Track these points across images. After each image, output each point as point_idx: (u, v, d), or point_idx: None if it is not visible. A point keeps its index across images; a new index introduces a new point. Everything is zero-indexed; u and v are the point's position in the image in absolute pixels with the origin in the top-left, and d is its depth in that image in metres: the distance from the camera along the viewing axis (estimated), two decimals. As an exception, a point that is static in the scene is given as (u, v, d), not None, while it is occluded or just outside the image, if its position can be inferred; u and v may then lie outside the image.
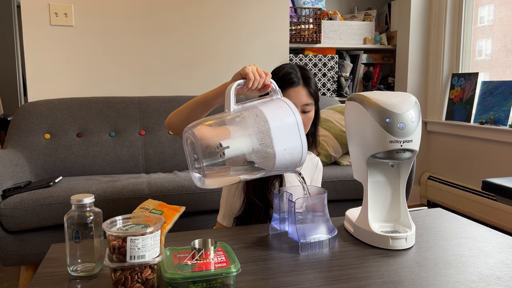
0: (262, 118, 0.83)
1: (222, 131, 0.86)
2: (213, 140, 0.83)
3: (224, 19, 2.60)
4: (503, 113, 2.47)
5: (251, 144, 0.83)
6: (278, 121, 0.83)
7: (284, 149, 0.83)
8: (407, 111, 0.90)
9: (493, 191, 1.68)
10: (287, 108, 0.86)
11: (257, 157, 0.84)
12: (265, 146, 0.82)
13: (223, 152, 0.81)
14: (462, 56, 2.83)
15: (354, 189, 1.95)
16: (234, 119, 0.86)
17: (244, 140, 0.83)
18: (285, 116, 0.85)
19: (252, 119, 0.85)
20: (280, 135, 0.82)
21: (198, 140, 0.82)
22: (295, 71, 1.17)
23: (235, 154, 0.82)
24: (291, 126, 0.84)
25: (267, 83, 0.95)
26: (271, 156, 0.82)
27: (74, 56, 2.38)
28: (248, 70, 0.93)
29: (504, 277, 0.80)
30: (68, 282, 0.79)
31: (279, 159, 0.82)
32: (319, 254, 0.91)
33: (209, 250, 0.78)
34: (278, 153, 0.82)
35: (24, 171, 1.91)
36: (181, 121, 1.08)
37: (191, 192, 1.77)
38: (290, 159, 0.84)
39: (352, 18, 3.21)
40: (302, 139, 0.85)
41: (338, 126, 2.13)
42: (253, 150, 0.83)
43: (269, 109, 0.85)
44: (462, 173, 2.77)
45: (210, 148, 0.83)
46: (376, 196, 1.02)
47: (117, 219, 0.78)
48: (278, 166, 0.84)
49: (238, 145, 0.82)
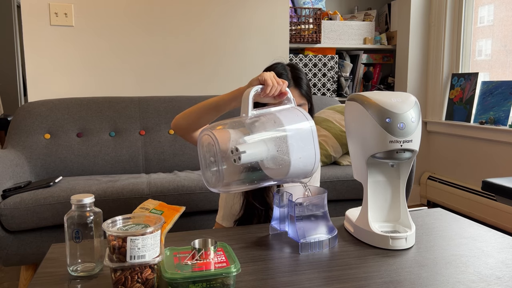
0: (279, 124, 0.83)
1: (239, 135, 0.85)
2: (231, 144, 0.82)
3: (224, 19, 2.60)
4: (503, 113, 2.47)
5: (267, 150, 0.83)
6: (295, 129, 0.83)
7: (299, 158, 0.83)
8: (407, 111, 0.90)
9: (493, 191, 1.68)
10: (303, 117, 0.86)
11: (272, 164, 0.83)
12: (282, 153, 0.82)
13: (239, 157, 0.80)
14: (462, 56, 2.83)
15: (354, 189, 1.95)
16: (252, 124, 0.86)
17: (261, 145, 0.82)
18: (302, 125, 0.85)
19: (271, 125, 0.85)
20: (297, 143, 0.82)
21: (219, 143, 0.81)
22: (286, 71, 1.16)
23: (251, 160, 0.81)
24: (307, 135, 0.84)
25: (284, 91, 0.96)
26: (286, 163, 0.82)
27: (74, 56, 2.38)
28: (267, 77, 0.94)
29: (504, 277, 0.80)
30: (68, 282, 0.79)
31: (293, 167, 0.82)
32: (319, 254, 0.91)
33: (209, 250, 0.78)
34: (294, 161, 0.82)
35: (24, 171, 1.91)
36: (190, 124, 1.07)
37: (191, 192, 1.77)
38: (303, 167, 0.84)
39: (352, 18, 3.21)
40: (316, 149, 0.85)
41: (338, 126, 2.13)
42: (268, 157, 0.83)
43: (286, 117, 0.85)
44: (462, 173, 2.77)
45: (228, 152, 0.82)
46: (376, 196, 1.02)
47: (117, 219, 0.78)
48: (291, 175, 0.84)
49: (254, 150, 0.81)
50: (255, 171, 0.85)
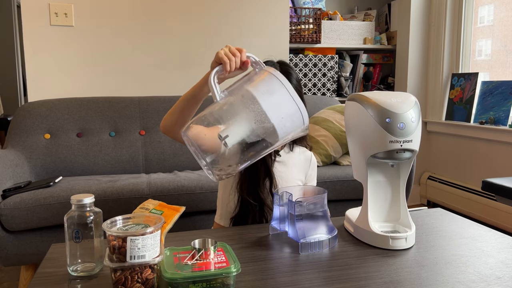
0: (249, 97, 0.81)
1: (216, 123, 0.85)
2: (208, 136, 0.82)
3: (224, 19, 2.60)
4: (503, 113, 2.47)
5: (248, 124, 0.81)
6: (267, 94, 0.81)
7: (282, 118, 0.81)
8: (407, 111, 0.90)
9: (493, 191, 1.68)
10: (272, 78, 0.83)
11: (259, 134, 0.82)
12: (261, 122, 0.80)
13: (225, 142, 0.80)
14: (462, 56, 2.83)
15: (354, 189, 1.95)
16: (223, 108, 0.84)
17: (240, 123, 0.81)
18: (272, 86, 0.82)
19: (240, 101, 0.83)
20: (272, 106, 0.80)
21: (195, 142, 0.81)
22: (274, 66, 1.17)
23: (239, 139, 0.81)
24: (281, 94, 0.82)
25: (245, 59, 0.92)
26: (271, 129, 0.80)
27: (74, 56, 2.38)
28: (221, 54, 0.90)
29: (504, 277, 0.80)
30: (68, 282, 0.79)
31: (280, 129, 0.80)
32: (319, 254, 0.91)
33: (209, 250, 0.78)
34: (277, 124, 0.80)
35: (24, 171, 1.91)
36: (174, 123, 1.06)
37: (191, 192, 1.77)
38: (291, 125, 0.83)
39: (352, 18, 3.21)
40: (297, 102, 0.82)
41: (338, 126, 2.13)
42: (252, 130, 0.81)
43: (255, 85, 0.83)
44: (462, 173, 2.77)
45: (209, 144, 0.82)
46: (376, 196, 1.02)
47: (117, 219, 0.78)
48: (284, 135, 0.82)
49: (237, 130, 0.81)
50: (251, 146, 0.84)
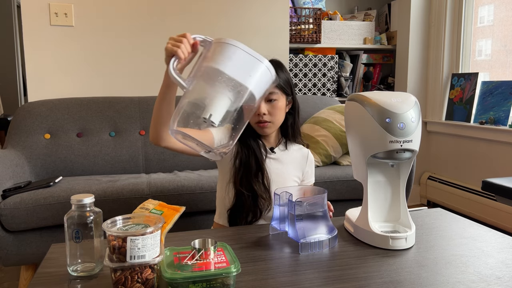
0: (212, 71, 0.81)
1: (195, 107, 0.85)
2: (194, 125, 0.83)
3: (224, 19, 2.60)
4: (503, 113, 2.47)
5: (224, 96, 0.82)
6: (226, 60, 0.81)
7: (250, 75, 0.82)
8: (407, 111, 0.90)
9: (493, 191, 1.68)
10: (223, 45, 0.83)
11: (238, 98, 0.82)
12: (235, 87, 0.81)
13: (211, 121, 0.80)
14: (462, 56, 2.83)
15: (354, 189, 1.95)
16: (193, 92, 0.84)
17: (217, 98, 0.81)
18: (227, 52, 0.82)
19: (206, 79, 0.83)
20: (237, 69, 0.81)
21: (187, 132, 0.82)
22: None
23: (222, 114, 0.82)
24: (238, 55, 0.82)
25: (192, 42, 0.91)
26: (246, 89, 0.81)
27: (74, 56, 2.38)
28: (169, 46, 0.89)
29: (504, 277, 0.80)
30: (68, 282, 0.79)
31: (251, 84, 0.82)
32: (319, 254, 0.91)
33: (209, 250, 0.78)
34: (248, 82, 0.81)
35: (24, 171, 1.91)
36: (160, 129, 1.06)
37: (191, 192, 1.77)
38: (261, 77, 0.83)
39: (352, 18, 3.21)
40: (256, 56, 0.83)
41: (338, 126, 2.13)
42: (229, 99, 0.82)
43: (212, 58, 0.83)
44: (462, 173, 2.77)
45: (198, 127, 0.83)
46: (376, 196, 1.02)
47: (117, 219, 0.78)
48: (259, 89, 0.83)
49: (217, 106, 0.81)
50: (236, 112, 0.84)
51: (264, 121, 1.21)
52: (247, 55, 0.82)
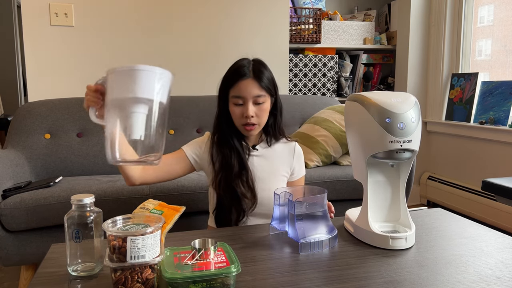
0: (118, 102, 0.82)
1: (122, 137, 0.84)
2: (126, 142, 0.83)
3: (224, 19, 2.60)
4: (503, 113, 2.47)
5: (141, 115, 0.81)
6: (124, 87, 0.82)
7: (154, 89, 0.83)
8: (407, 111, 0.91)
9: (493, 191, 1.68)
10: (114, 75, 0.85)
11: (153, 111, 0.82)
12: (145, 105, 0.81)
13: (141, 141, 0.80)
14: (462, 56, 2.83)
15: (354, 189, 1.95)
16: (115, 126, 0.84)
17: (137, 121, 0.81)
18: (122, 79, 0.84)
19: (118, 111, 0.83)
20: (140, 89, 0.82)
21: (124, 156, 0.81)
22: (248, 64, 1.23)
23: (144, 130, 0.81)
24: (134, 76, 0.83)
25: (94, 88, 0.92)
26: (156, 101, 0.82)
27: (74, 56, 2.38)
28: (85, 101, 0.93)
29: (504, 277, 0.80)
30: (68, 282, 0.79)
31: (159, 94, 0.83)
32: (319, 254, 0.91)
33: (209, 250, 0.78)
34: (155, 94, 0.82)
35: (24, 171, 1.91)
36: (129, 179, 1.16)
37: (191, 192, 1.77)
38: (164, 84, 0.85)
39: (352, 18, 3.21)
40: (147, 69, 0.84)
41: (338, 126, 2.13)
42: (147, 117, 0.81)
43: (112, 92, 0.84)
44: (462, 173, 2.77)
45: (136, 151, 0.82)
46: (376, 196, 1.02)
47: (117, 219, 0.78)
48: (164, 93, 0.84)
49: (138, 129, 0.81)
50: (157, 121, 0.83)
51: (252, 123, 1.21)
52: (140, 73, 0.84)
